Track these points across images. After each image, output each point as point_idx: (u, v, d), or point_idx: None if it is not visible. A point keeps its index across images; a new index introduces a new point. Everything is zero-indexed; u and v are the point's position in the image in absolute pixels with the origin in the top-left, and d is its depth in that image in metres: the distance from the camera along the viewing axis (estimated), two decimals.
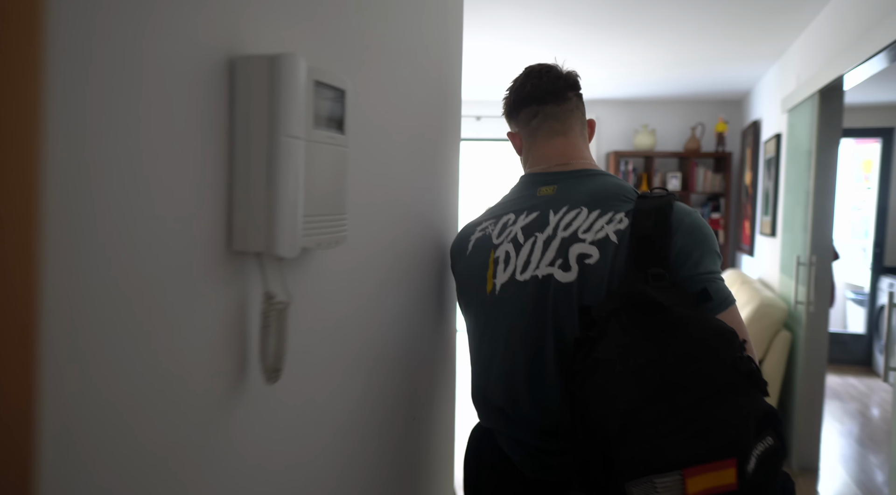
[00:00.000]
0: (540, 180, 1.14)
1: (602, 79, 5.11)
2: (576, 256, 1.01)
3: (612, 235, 1.00)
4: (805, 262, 3.17)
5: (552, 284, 1.02)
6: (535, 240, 1.05)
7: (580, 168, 1.14)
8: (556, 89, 1.19)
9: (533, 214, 1.09)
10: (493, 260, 1.09)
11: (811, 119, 3.22)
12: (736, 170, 5.93)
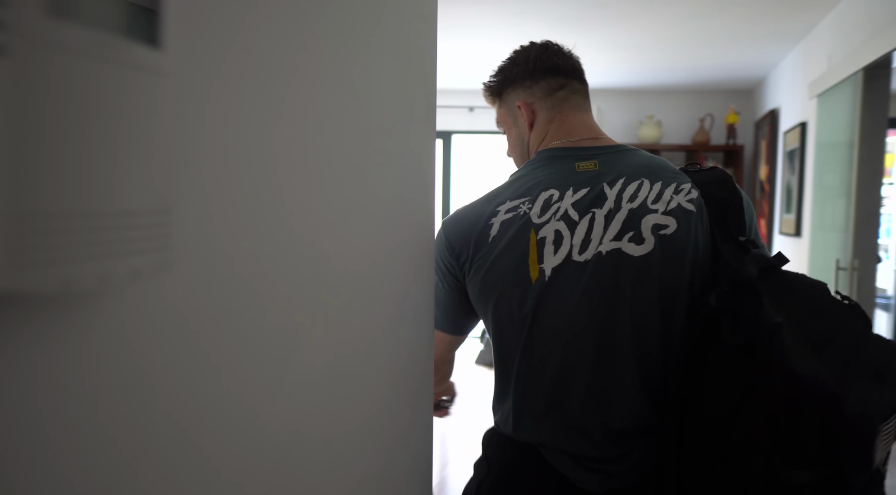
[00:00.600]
0: (573, 154, 1.01)
1: (603, 65, 4.70)
2: (650, 227, 0.91)
3: (687, 204, 0.93)
4: (846, 267, 2.77)
5: (622, 260, 0.90)
6: (594, 215, 0.93)
7: (613, 144, 1.04)
8: (579, 69, 1.15)
9: (583, 190, 0.95)
10: (535, 242, 0.93)
11: (852, 103, 2.81)
12: (748, 165, 5.54)
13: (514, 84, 1.12)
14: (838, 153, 3.02)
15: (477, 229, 0.98)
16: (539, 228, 0.94)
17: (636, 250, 0.91)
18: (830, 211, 3.12)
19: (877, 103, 2.67)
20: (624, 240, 0.91)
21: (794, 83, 4.10)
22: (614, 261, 0.90)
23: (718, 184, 0.97)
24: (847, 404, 0.76)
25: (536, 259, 0.93)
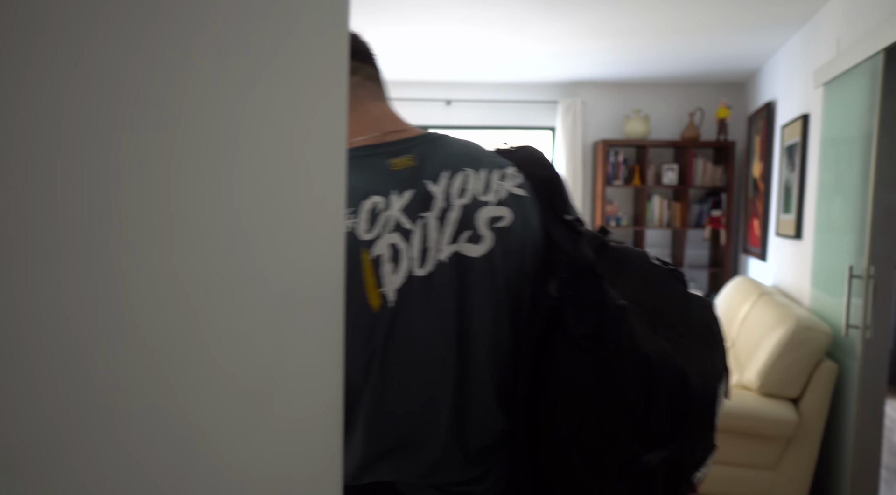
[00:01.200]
0: (382, 151, 0.84)
1: (588, 54, 4.37)
2: (486, 221, 0.80)
3: (517, 190, 0.84)
4: (861, 275, 2.45)
5: (463, 264, 0.79)
6: (426, 219, 0.79)
7: (422, 133, 0.88)
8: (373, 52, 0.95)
9: (408, 192, 0.81)
10: (369, 263, 0.77)
11: (869, 90, 2.50)
12: (740, 161, 5.25)
13: None
14: (849, 147, 2.71)
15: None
16: (370, 245, 0.77)
17: (475, 250, 0.80)
18: (839, 211, 2.81)
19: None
20: (461, 241, 0.80)
21: (795, 72, 3.79)
22: (455, 267, 0.79)
23: (537, 162, 0.90)
24: (689, 377, 0.75)
25: (374, 283, 0.77)
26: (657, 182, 5.27)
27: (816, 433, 2.64)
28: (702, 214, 5.28)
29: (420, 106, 5.58)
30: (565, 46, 4.19)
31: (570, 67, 4.85)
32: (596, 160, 5.36)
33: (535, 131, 5.61)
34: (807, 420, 2.64)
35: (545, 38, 3.98)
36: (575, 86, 5.46)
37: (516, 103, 5.51)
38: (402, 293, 0.77)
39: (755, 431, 2.65)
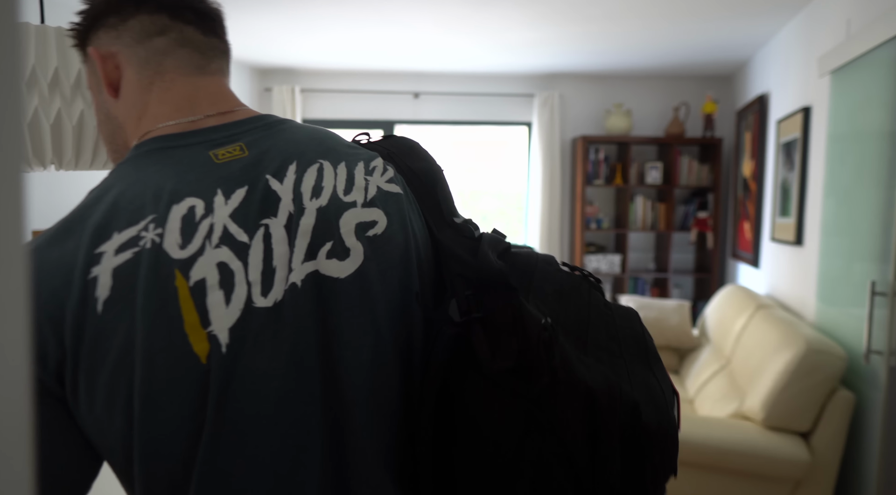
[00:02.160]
0: (202, 139, 0.62)
1: (564, 43, 3.98)
2: (353, 229, 0.60)
3: (389, 185, 0.64)
4: (886, 291, 2.10)
5: (326, 287, 0.57)
6: (268, 228, 0.58)
7: (256, 114, 0.66)
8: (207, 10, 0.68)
9: (240, 190, 0.59)
10: (187, 292, 0.53)
11: (889, 77, 2.14)
12: (727, 159, 4.91)
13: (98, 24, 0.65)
14: (864, 143, 2.35)
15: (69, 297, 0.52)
16: (188, 266, 0.54)
17: (341, 268, 0.58)
18: (852, 214, 2.46)
19: None
20: (321, 256, 0.58)
21: (793, 61, 3.45)
22: (314, 291, 0.57)
23: (412, 152, 0.70)
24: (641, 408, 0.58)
25: (197, 321, 0.53)
26: (640, 181, 4.92)
27: (831, 474, 2.29)
28: (687, 216, 4.95)
29: (385, 99, 5.15)
30: (539, 32, 3.80)
31: (547, 57, 4.46)
32: (575, 158, 4.99)
33: (511, 127, 5.22)
34: (820, 458, 2.28)
35: (515, 22, 3.58)
36: (552, 78, 5.08)
37: (489, 96, 5.11)
38: (238, 332, 0.55)
39: (759, 471, 2.29)
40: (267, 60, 4.78)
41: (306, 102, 5.18)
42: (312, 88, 5.13)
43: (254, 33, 3.95)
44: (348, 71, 5.06)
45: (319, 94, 5.17)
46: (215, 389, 0.53)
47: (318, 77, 5.15)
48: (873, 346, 2.15)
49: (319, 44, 4.19)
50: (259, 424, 0.54)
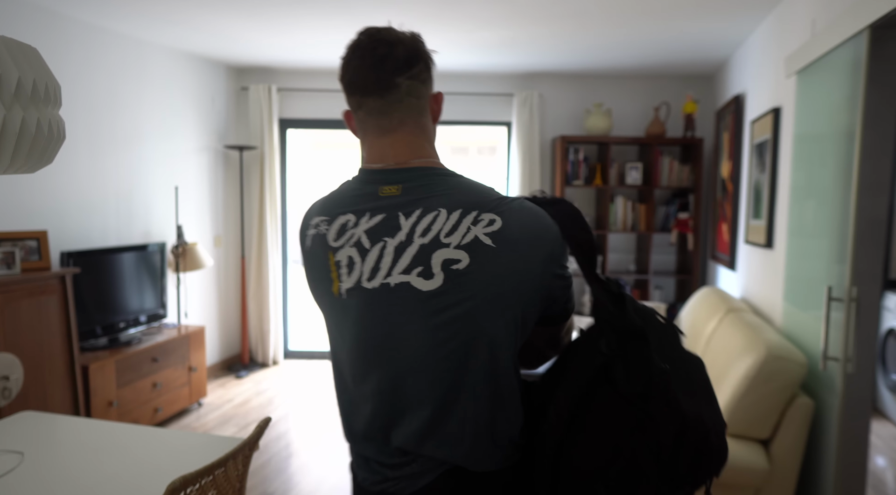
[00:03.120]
0: (380, 178, 1.02)
1: (541, 42, 3.94)
2: (440, 262, 0.94)
3: (485, 238, 0.94)
4: (842, 297, 2.06)
5: (411, 292, 0.95)
6: (385, 245, 0.98)
7: (422, 165, 1.02)
8: (380, 77, 1.00)
9: (378, 217, 0.99)
10: (333, 263, 1.02)
11: (851, 77, 2.10)
12: (708, 160, 4.87)
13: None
14: (826, 144, 2.32)
15: (303, 231, 1.09)
16: (335, 252, 1.01)
17: (425, 285, 0.94)
18: (814, 217, 2.42)
19: (887, 76, 1.96)
20: (413, 274, 0.95)
21: (765, 60, 3.41)
22: (402, 293, 0.95)
23: (576, 223, 1.00)
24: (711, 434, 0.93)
25: (336, 277, 1.01)
26: (620, 182, 4.88)
27: (790, 481, 2.25)
28: (668, 217, 4.91)
29: None
30: (511, 30, 3.75)
31: (525, 57, 4.42)
32: (554, 157, 4.95)
33: (490, 127, 5.18)
34: (779, 466, 2.24)
35: (484, 21, 3.54)
36: (531, 77, 5.03)
37: (469, 96, 5.07)
38: (350, 293, 1.00)
39: (718, 480, 2.25)
40: (243, 59, 4.73)
41: (283, 101, 5.14)
42: (289, 87, 5.08)
43: (230, 33, 3.91)
44: (326, 69, 5.02)
45: (297, 93, 5.13)
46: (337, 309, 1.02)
47: (295, 76, 5.11)
48: (830, 353, 2.11)
49: (296, 43, 4.15)
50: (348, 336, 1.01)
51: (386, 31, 1.02)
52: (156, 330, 3.96)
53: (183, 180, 4.50)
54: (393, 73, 0.99)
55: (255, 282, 5.09)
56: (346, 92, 1.04)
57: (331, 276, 1.01)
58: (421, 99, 1.03)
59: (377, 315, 0.97)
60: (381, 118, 1.02)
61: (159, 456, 1.72)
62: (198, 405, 4.12)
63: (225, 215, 5.06)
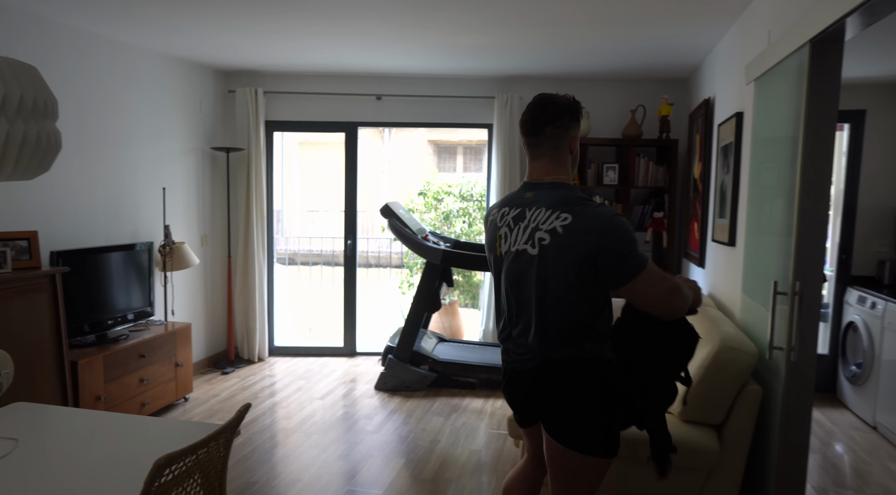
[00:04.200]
0: (528, 187, 1.81)
1: (519, 48, 4.08)
2: (538, 239, 1.70)
3: (560, 228, 1.65)
4: (786, 291, 2.21)
5: (526, 254, 1.73)
6: (519, 226, 1.76)
7: (550, 181, 1.78)
8: (535, 127, 1.78)
9: (517, 210, 1.78)
10: (500, 235, 1.82)
11: (796, 87, 2.25)
12: (682, 161, 5.03)
13: None
14: (777, 148, 2.47)
15: (487, 219, 1.95)
16: (499, 229, 1.83)
17: (532, 251, 1.71)
18: (766, 217, 2.57)
19: (826, 86, 2.11)
20: (528, 244, 1.73)
21: (730, 67, 3.56)
22: (521, 255, 1.75)
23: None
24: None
25: (500, 244, 1.83)
26: (598, 182, 5.03)
27: (740, 461, 2.40)
28: (644, 216, 5.06)
29: (348, 101, 5.23)
30: (490, 37, 3.89)
31: (505, 61, 4.56)
32: None
33: (472, 129, 5.31)
34: (729, 449, 2.39)
35: (463, 27, 3.67)
36: (511, 80, 5.17)
37: (451, 99, 5.20)
38: (505, 253, 1.80)
39: (676, 462, 2.40)
40: (230, 63, 4.84)
41: (270, 104, 5.25)
42: (276, 90, 5.19)
43: (216, 37, 4.02)
44: (311, 73, 5.13)
45: (283, 96, 5.24)
46: (499, 263, 1.84)
47: (281, 79, 5.22)
48: (775, 343, 2.26)
49: (282, 48, 4.26)
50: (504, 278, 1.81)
51: (548, 96, 1.78)
52: (143, 327, 4.07)
53: (171, 181, 4.61)
54: (542, 123, 1.75)
55: (241, 281, 5.20)
56: (521, 131, 1.83)
57: (496, 244, 1.83)
58: (560, 139, 1.76)
59: (512, 267, 1.77)
60: (535, 149, 1.80)
61: (148, 442, 1.84)
62: (184, 400, 4.23)
63: (212, 215, 5.16)
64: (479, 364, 4.61)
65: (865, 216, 4.55)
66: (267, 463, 3.28)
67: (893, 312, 3.73)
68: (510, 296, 1.78)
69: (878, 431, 3.88)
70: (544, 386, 1.73)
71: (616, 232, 1.60)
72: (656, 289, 1.65)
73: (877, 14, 1.83)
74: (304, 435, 3.67)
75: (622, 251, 1.60)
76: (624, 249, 1.60)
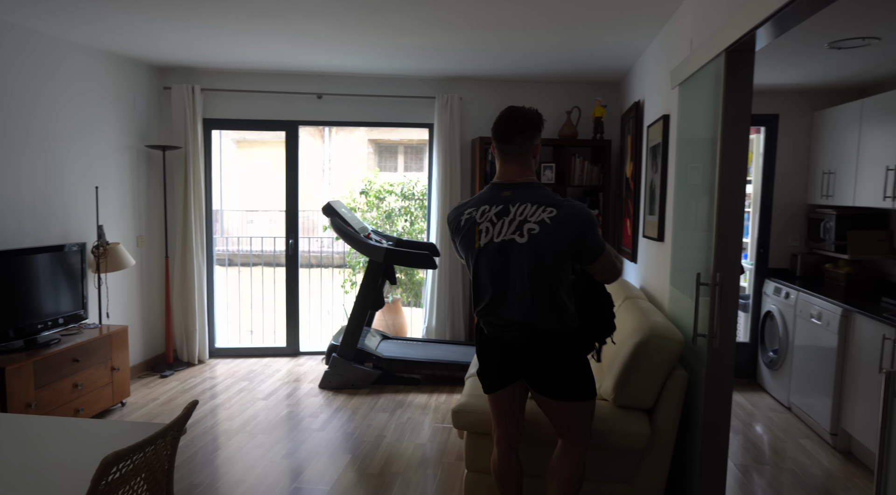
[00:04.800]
0: (502, 187, 2.13)
1: (462, 49, 4.17)
2: (527, 229, 2.03)
3: (547, 219, 2.02)
4: (708, 282, 2.38)
5: (513, 243, 2.05)
6: (504, 220, 2.07)
7: (523, 182, 2.13)
8: (508, 135, 2.12)
9: (499, 206, 2.09)
10: (478, 230, 2.11)
11: (714, 92, 2.43)
12: (615, 161, 5.26)
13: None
14: (699, 149, 2.65)
15: (455, 220, 2.20)
16: (479, 225, 2.11)
17: (520, 240, 2.05)
18: (691, 214, 2.76)
19: (740, 91, 2.29)
20: (515, 235, 2.05)
21: (658, 72, 3.77)
22: (509, 244, 2.06)
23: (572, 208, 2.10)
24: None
25: (478, 238, 2.11)
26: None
27: (669, 442, 2.57)
28: None
29: (288, 99, 5.20)
30: (433, 39, 3.96)
31: (445, 62, 4.64)
32: (474, 157, 5.21)
33: (413, 128, 5.38)
34: (659, 431, 2.56)
35: (404, 29, 3.73)
36: (452, 81, 5.27)
37: (392, 98, 5.25)
38: (485, 245, 2.09)
39: (609, 445, 2.55)
40: (165, 58, 4.72)
41: (208, 102, 5.15)
42: (214, 88, 5.10)
43: (149, 31, 3.92)
44: (251, 70, 5.07)
45: (221, 94, 5.15)
46: (476, 255, 2.12)
47: (219, 76, 5.13)
48: (699, 330, 2.44)
49: (220, 44, 4.20)
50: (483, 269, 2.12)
51: (517, 109, 2.14)
52: (76, 330, 3.93)
53: (104, 180, 4.46)
54: (513, 133, 2.10)
55: (180, 282, 5.09)
56: (493, 137, 2.15)
57: (474, 239, 2.10)
58: (527, 148, 2.12)
59: (498, 255, 2.07)
60: (506, 154, 2.14)
61: (88, 444, 1.82)
62: (121, 405, 4.11)
63: (148, 215, 5.03)
64: (423, 360, 4.69)
65: (780, 213, 4.89)
66: (210, 464, 3.25)
67: (805, 302, 4.04)
68: (495, 279, 2.08)
69: (791, 411, 4.19)
70: (533, 353, 2.11)
71: (591, 222, 2.04)
72: (611, 262, 2.13)
73: (782, 27, 2.01)
74: (248, 435, 3.64)
75: (595, 235, 2.04)
76: (596, 234, 2.05)
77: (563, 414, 2.19)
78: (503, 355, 2.17)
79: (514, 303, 2.07)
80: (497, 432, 2.33)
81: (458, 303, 5.34)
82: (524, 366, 2.15)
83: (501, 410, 2.28)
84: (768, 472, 3.27)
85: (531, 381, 2.17)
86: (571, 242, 2.01)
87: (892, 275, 4.25)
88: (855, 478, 3.22)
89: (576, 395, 2.16)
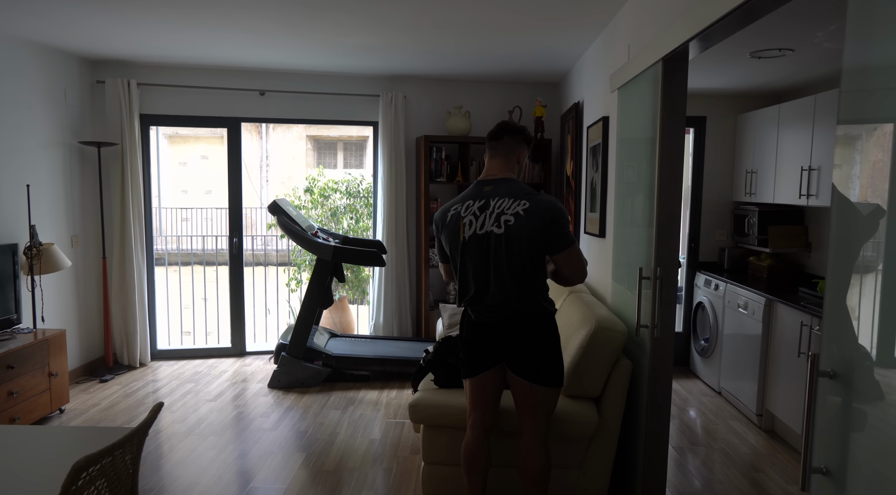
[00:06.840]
0: (484, 183, 2.39)
1: (406, 48, 4.23)
2: (503, 221, 2.27)
3: (521, 212, 2.26)
4: (649, 276, 2.54)
5: (492, 235, 2.28)
6: (485, 214, 2.30)
7: (502, 177, 2.39)
8: (499, 133, 2.42)
9: (482, 201, 2.33)
10: (462, 224, 2.34)
11: (652, 97, 2.59)
12: (556, 160, 5.44)
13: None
14: (638, 150, 2.82)
15: (442, 218, 2.42)
16: (464, 219, 2.34)
17: (498, 231, 2.27)
18: (631, 211, 2.92)
19: (676, 96, 2.46)
20: (494, 227, 2.28)
21: (596, 76, 3.94)
22: (489, 235, 2.29)
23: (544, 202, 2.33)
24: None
25: (462, 231, 2.33)
26: None
27: (615, 428, 2.73)
28: None
29: (230, 96, 5.11)
30: (377, 38, 4.00)
31: (390, 61, 4.68)
32: (419, 156, 5.27)
33: (358, 126, 5.39)
34: (606, 417, 2.71)
35: (351, 27, 3.76)
36: (397, 79, 5.31)
37: (336, 96, 5.24)
38: (469, 237, 2.33)
39: (563, 433, 2.68)
40: (98, 51, 4.55)
41: (144, 97, 4.99)
42: (152, 82, 4.95)
43: (80, 22, 3.78)
44: (191, 65, 4.95)
45: (159, 89, 5.01)
46: (461, 248, 2.35)
47: (158, 71, 4.98)
48: (642, 322, 2.60)
49: (158, 38, 4.09)
50: (469, 260, 2.35)
51: (510, 122, 2.45)
52: (9, 336, 3.76)
53: (34, 178, 4.27)
54: (503, 133, 2.40)
55: (118, 283, 4.92)
56: (487, 139, 2.43)
57: (459, 231, 2.33)
58: (512, 147, 2.40)
59: (481, 245, 2.29)
60: (493, 151, 2.41)
61: (47, 452, 1.78)
62: (59, 412, 3.96)
63: (82, 214, 4.83)
64: (372, 357, 4.73)
65: (708, 209, 5.20)
66: (161, 468, 3.19)
67: (732, 293, 4.33)
68: (479, 268, 2.31)
69: (722, 395, 4.49)
70: (515, 333, 2.32)
71: (561, 212, 2.26)
72: (578, 258, 2.32)
73: (711, 41, 2.19)
74: (198, 437, 3.59)
75: (565, 226, 2.26)
76: (565, 225, 2.27)
77: (536, 400, 2.35)
78: (488, 338, 2.35)
79: (498, 289, 2.28)
80: (472, 417, 2.46)
81: (406, 300, 5.41)
82: (506, 348, 2.33)
83: (480, 395, 2.43)
84: (702, 452, 3.50)
85: (512, 364, 2.34)
86: (543, 232, 2.23)
87: (807, 266, 4.62)
88: (778, 454, 3.50)
89: (549, 381, 2.34)
